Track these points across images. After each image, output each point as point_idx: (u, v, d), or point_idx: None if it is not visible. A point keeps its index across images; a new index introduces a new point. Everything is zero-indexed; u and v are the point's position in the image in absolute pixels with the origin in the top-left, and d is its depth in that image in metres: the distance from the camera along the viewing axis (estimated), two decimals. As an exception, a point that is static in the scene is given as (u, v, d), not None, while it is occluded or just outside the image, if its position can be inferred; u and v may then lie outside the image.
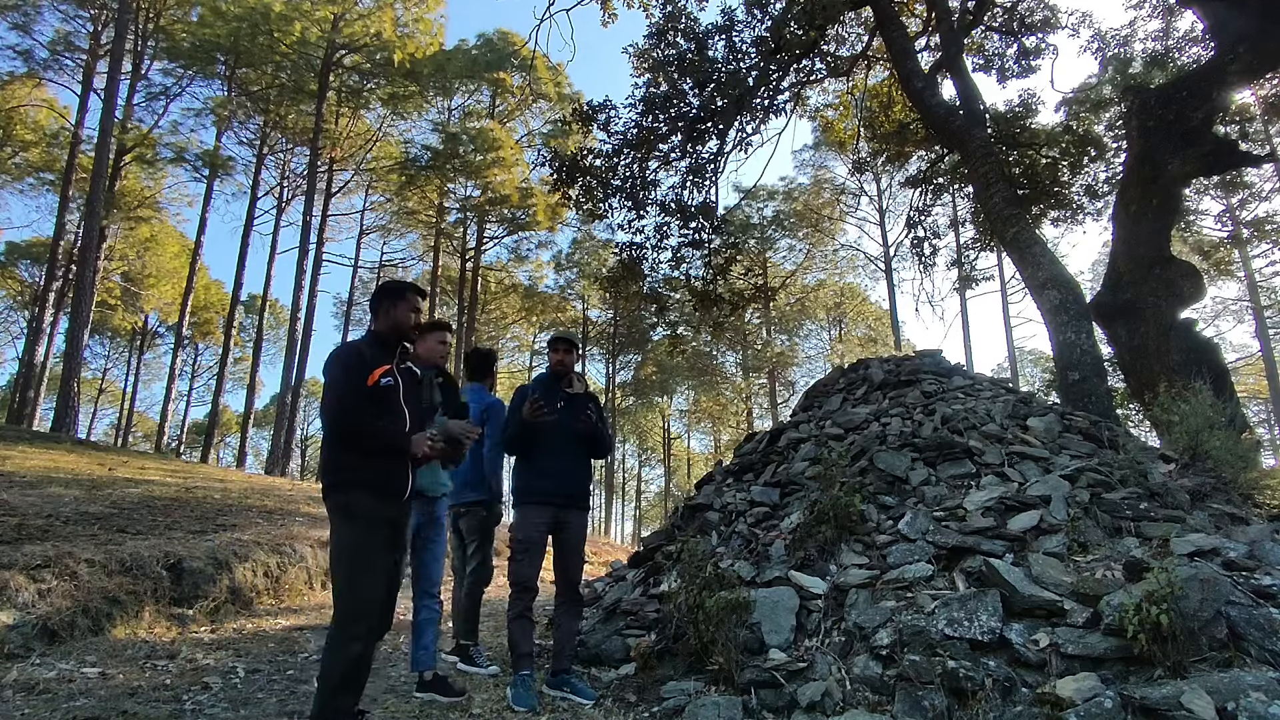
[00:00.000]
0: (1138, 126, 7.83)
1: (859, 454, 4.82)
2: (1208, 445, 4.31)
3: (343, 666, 2.46)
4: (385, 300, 2.83)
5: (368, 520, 2.57)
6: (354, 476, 2.58)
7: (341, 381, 2.60)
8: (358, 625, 2.49)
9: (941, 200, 15.08)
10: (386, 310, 2.81)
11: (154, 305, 26.69)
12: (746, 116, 10.55)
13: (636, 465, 44.17)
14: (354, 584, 2.52)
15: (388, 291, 2.87)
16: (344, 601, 2.52)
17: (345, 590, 2.53)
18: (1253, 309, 21.11)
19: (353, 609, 2.50)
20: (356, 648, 2.48)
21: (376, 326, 2.83)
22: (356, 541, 2.54)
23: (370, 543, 2.57)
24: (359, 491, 2.58)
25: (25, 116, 21.20)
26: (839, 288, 29.05)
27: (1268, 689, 2.20)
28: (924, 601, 3.13)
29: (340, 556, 2.56)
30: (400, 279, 3.41)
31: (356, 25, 21.86)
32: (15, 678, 3.28)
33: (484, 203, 24.26)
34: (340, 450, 2.61)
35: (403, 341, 2.83)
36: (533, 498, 3.60)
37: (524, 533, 3.57)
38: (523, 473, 3.69)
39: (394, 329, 2.81)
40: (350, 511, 2.55)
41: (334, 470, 2.64)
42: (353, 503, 2.56)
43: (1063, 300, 6.97)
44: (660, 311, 12.97)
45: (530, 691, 3.29)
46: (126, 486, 7.64)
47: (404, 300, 2.81)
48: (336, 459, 2.63)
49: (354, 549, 2.54)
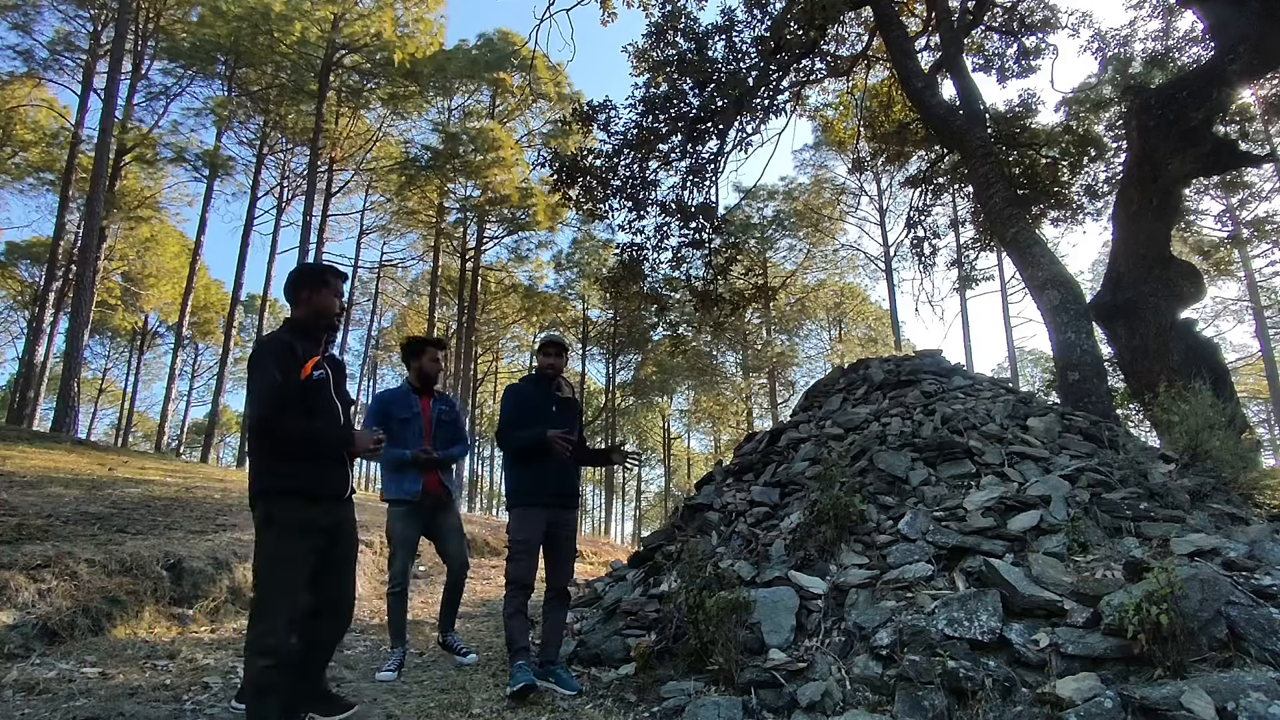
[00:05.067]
0: (1138, 126, 7.82)
1: (859, 454, 4.82)
2: (1208, 445, 4.31)
3: (258, 681, 2.35)
4: (305, 287, 2.66)
5: (292, 527, 2.43)
6: (281, 483, 2.43)
7: (263, 379, 2.42)
8: (268, 640, 2.37)
9: (941, 200, 15.07)
10: (308, 297, 2.64)
11: (154, 305, 26.71)
12: (746, 116, 10.54)
13: (636, 465, 44.10)
14: (271, 594, 2.41)
15: (307, 278, 2.69)
16: (260, 609, 2.41)
17: (262, 598, 2.42)
18: (1253, 309, 21.11)
19: (268, 619, 2.39)
20: (264, 662, 2.35)
21: (297, 315, 2.65)
22: (279, 551, 2.41)
23: (293, 552, 2.42)
24: (289, 499, 2.43)
25: (25, 116, 21.21)
26: (839, 288, 29.05)
27: (1268, 689, 2.20)
28: (924, 601, 3.13)
29: (265, 565, 2.43)
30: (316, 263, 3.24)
31: (356, 25, 21.87)
32: (15, 678, 3.28)
33: (484, 203, 24.28)
34: (271, 455, 2.44)
35: (328, 329, 2.69)
36: (531, 500, 3.64)
37: (524, 534, 3.61)
38: (519, 475, 3.72)
39: (317, 316, 2.65)
40: (272, 519, 2.41)
41: (262, 476, 2.46)
42: (277, 510, 2.42)
43: (1063, 300, 6.97)
44: (660, 311, 12.97)
45: (527, 672, 3.41)
46: (126, 486, 7.64)
47: (326, 285, 2.67)
48: (266, 463, 2.45)
49: (279, 559, 2.41)
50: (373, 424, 4.06)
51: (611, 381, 32.07)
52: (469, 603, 5.70)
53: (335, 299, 2.68)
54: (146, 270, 24.89)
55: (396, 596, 4.02)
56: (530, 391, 3.82)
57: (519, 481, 3.70)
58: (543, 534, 3.64)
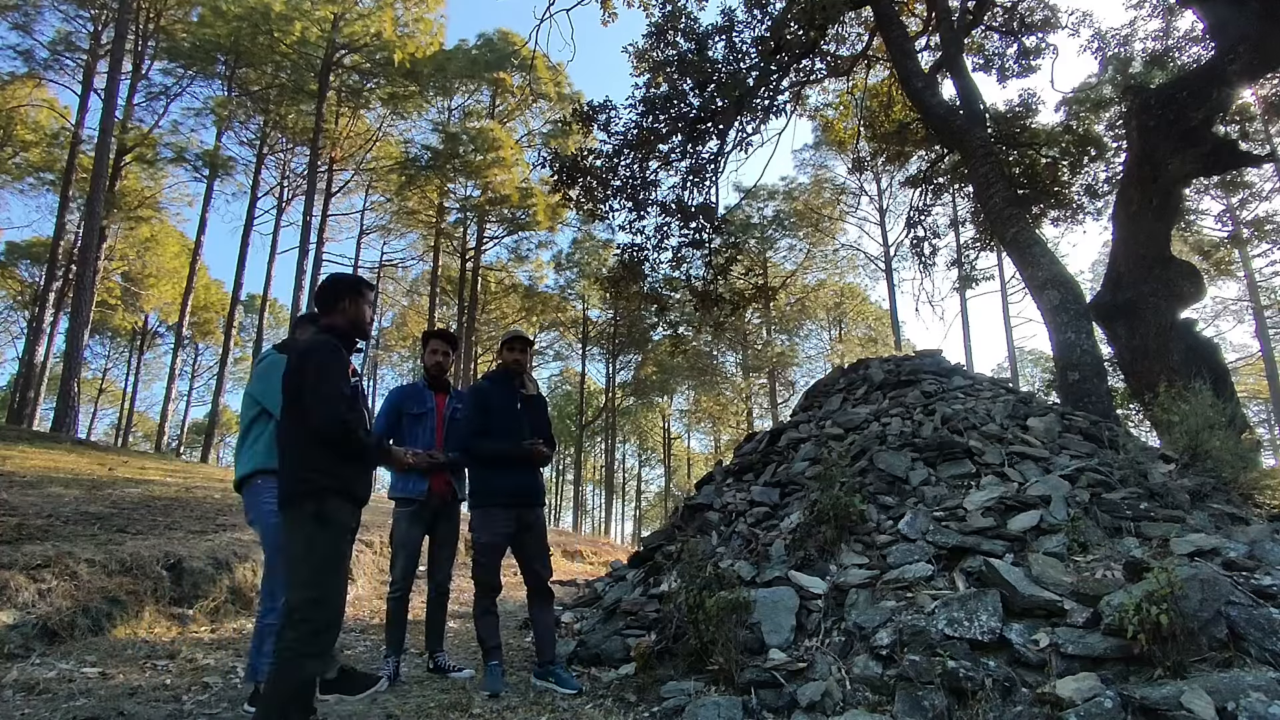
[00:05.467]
0: (1138, 126, 7.82)
1: (859, 454, 4.82)
2: (1208, 445, 4.31)
3: (297, 685, 2.28)
4: (346, 295, 2.67)
5: (342, 528, 2.47)
6: (333, 483, 2.46)
7: (333, 382, 2.46)
8: (324, 638, 2.35)
9: (941, 200, 15.08)
10: (346, 306, 2.66)
11: (154, 305, 26.71)
12: (746, 116, 10.54)
13: (636, 465, 44.21)
14: (328, 595, 2.39)
15: (348, 286, 2.70)
16: (315, 611, 2.34)
17: (318, 599, 2.36)
18: (1253, 309, 21.11)
19: (324, 619, 2.36)
20: (316, 665, 2.34)
21: (334, 322, 2.65)
22: (333, 550, 2.44)
23: (344, 552, 2.49)
24: (337, 499, 2.46)
25: (26, 116, 21.20)
26: (839, 288, 29.04)
27: (1268, 689, 2.20)
28: (924, 601, 3.13)
29: (319, 565, 2.41)
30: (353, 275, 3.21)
31: (356, 25, 21.86)
32: (15, 678, 3.28)
33: (484, 203, 24.27)
34: (322, 454, 2.46)
35: (364, 339, 2.74)
36: (495, 500, 3.60)
37: (488, 537, 3.58)
38: (482, 476, 3.67)
39: (354, 325, 2.67)
40: (326, 518, 2.43)
41: (312, 475, 2.46)
42: (329, 510, 2.43)
43: (1063, 300, 6.97)
44: (661, 311, 12.96)
45: (498, 678, 3.45)
46: (126, 486, 7.64)
47: (362, 296, 2.69)
48: (316, 463, 2.46)
49: (333, 558, 2.43)
50: (384, 420, 3.99)
51: (611, 381, 32.06)
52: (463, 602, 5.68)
53: (370, 309, 2.73)
54: (146, 270, 24.89)
55: (397, 601, 3.85)
56: (494, 391, 3.76)
57: (482, 482, 3.66)
58: (508, 535, 3.61)
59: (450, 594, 4.17)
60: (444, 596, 4.07)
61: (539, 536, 3.70)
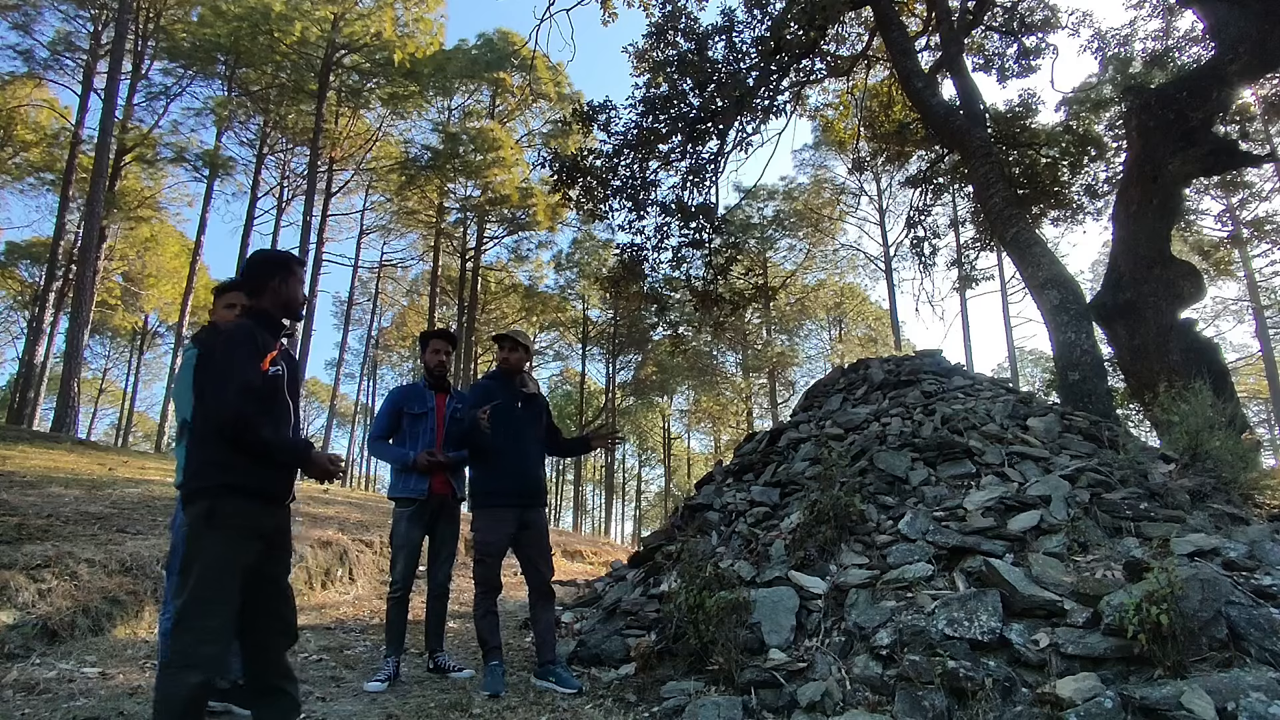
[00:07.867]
0: (1138, 126, 7.82)
1: (859, 454, 4.82)
2: (1208, 445, 4.31)
3: (177, 703, 2.03)
4: (276, 274, 2.41)
5: (240, 530, 2.19)
6: (232, 479, 2.19)
7: (238, 371, 2.19)
8: (207, 649, 2.09)
9: (941, 200, 15.08)
10: (277, 285, 2.40)
11: (154, 305, 26.72)
12: (747, 117, 10.54)
13: (636, 465, 44.20)
14: (213, 602, 2.12)
15: (277, 264, 2.45)
16: (198, 619, 2.10)
17: (203, 607, 2.12)
18: (1253, 309, 21.11)
19: (209, 629, 2.10)
20: (195, 677, 2.05)
21: (263, 304, 2.40)
22: (223, 553, 2.15)
23: (237, 556, 2.18)
24: (236, 497, 2.19)
25: (26, 116, 21.20)
26: (839, 288, 29.05)
27: (1268, 689, 2.20)
28: (924, 601, 3.12)
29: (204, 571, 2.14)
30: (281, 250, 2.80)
31: (356, 25, 21.87)
32: (15, 678, 3.28)
33: (484, 203, 24.28)
34: (219, 448, 2.19)
35: (292, 321, 2.50)
36: (497, 500, 3.62)
37: (490, 536, 3.60)
38: (483, 474, 3.69)
39: (284, 306, 2.43)
40: (218, 520, 2.16)
41: (207, 470, 2.20)
42: (224, 509, 2.17)
43: (1063, 300, 6.97)
44: (661, 311, 12.96)
45: (498, 678, 3.46)
46: (126, 486, 7.64)
47: (294, 274, 2.45)
48: (213, 457, 2.20)
49: (222, 562, 2.15)
50: (385, 420, 4.00)
51: (611, 381, 32.06)
52: (463, 602, 5.68)
53: (301, 288, 2.49)
54: (146, 270, 24.89)
55: (397, 602, 3.84)
56: (494, 389, 3.78)
57: (484, 482, 3.67)
58: (511, 535, 3.62)
59: (450, 594, 4.19)
60: (444, 596, 4.08)
61: (541, 536, 3.72)
